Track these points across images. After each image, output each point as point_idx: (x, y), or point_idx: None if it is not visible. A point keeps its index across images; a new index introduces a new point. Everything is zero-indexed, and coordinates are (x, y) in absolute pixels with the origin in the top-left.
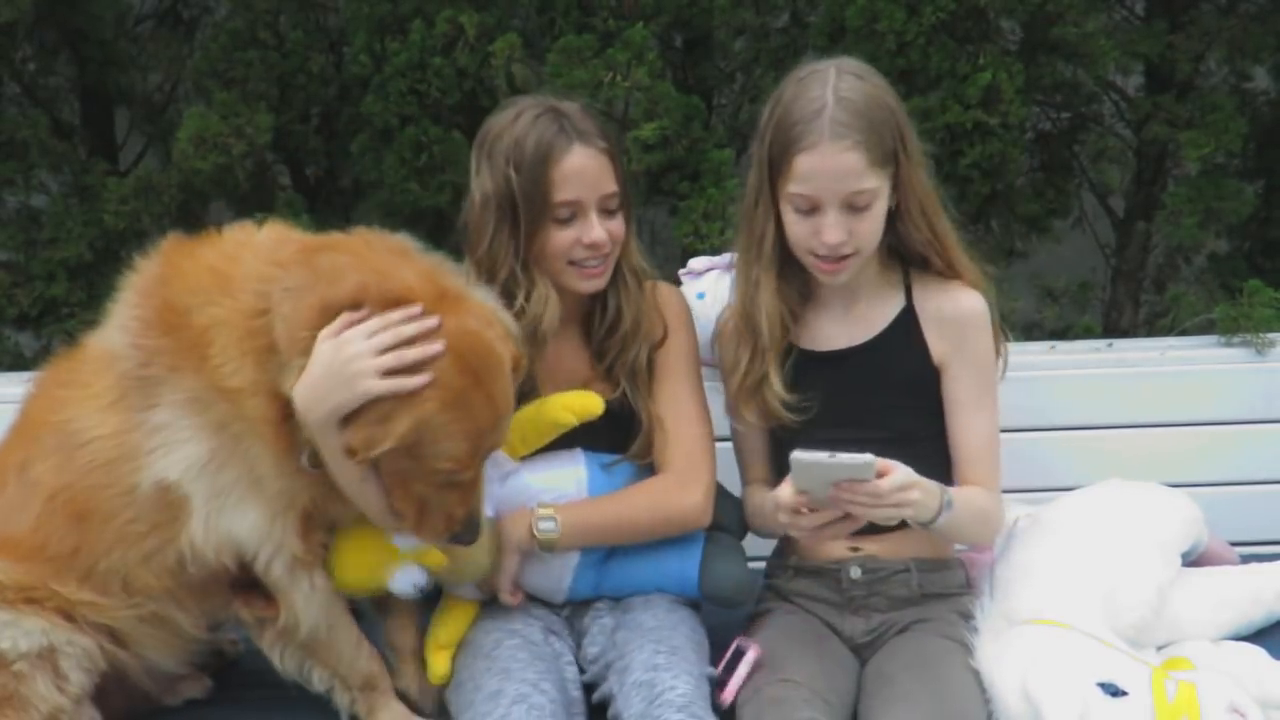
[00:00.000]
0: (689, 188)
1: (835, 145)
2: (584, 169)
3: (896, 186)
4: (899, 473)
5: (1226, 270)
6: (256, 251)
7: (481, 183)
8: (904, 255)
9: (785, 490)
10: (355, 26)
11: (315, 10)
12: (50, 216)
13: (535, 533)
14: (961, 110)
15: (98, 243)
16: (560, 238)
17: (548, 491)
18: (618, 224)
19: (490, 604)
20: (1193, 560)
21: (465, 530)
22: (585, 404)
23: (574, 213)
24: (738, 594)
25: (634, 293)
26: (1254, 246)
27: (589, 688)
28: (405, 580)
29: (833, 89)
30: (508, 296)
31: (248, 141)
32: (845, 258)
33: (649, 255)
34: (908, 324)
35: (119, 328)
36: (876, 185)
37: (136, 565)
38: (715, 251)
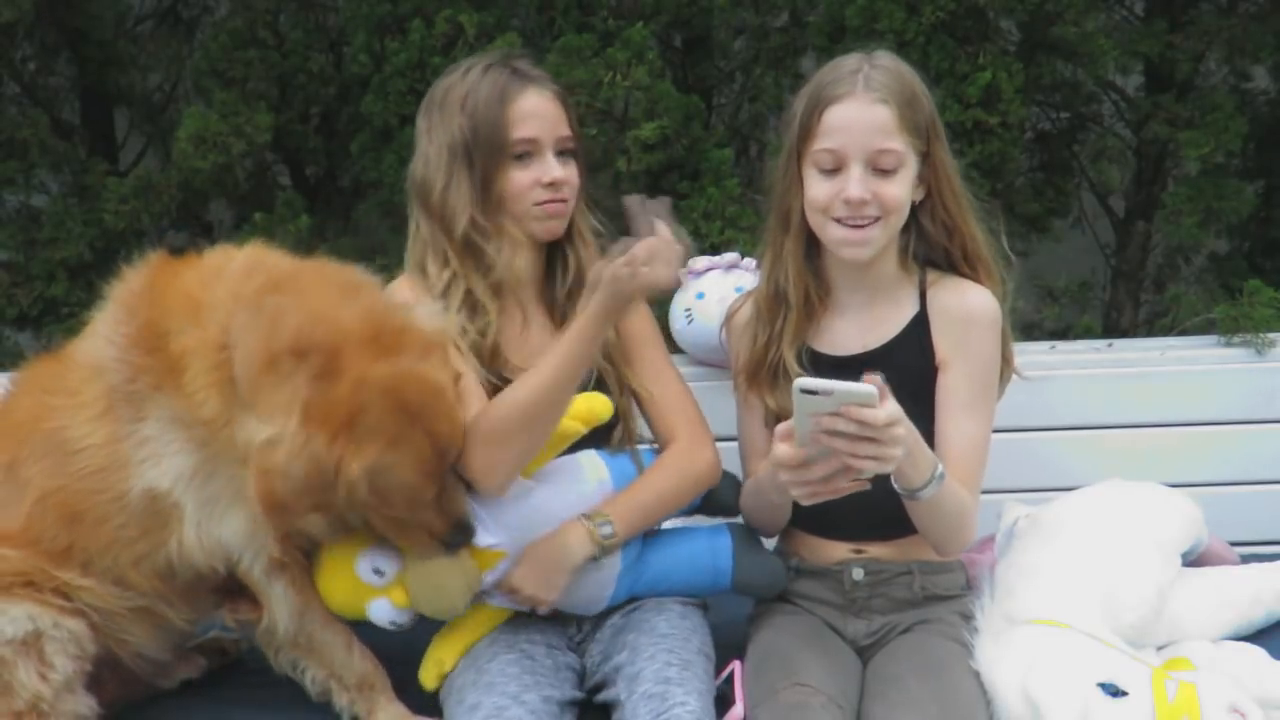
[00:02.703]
0: (689, 187)
1: (868, 96)
2: (539, 108)
3: (926, 172)
4: (894, 406)
5: (1226, 270)
6: (226, 281)
7: (434, 138)
8: (924, 258)
9: (783, 448)
10: (355, 26)
11: (315, 10)
12: (50, 216)
13: (600, 540)
14: (961, 110)
15: (97, 242)
16: (520, 178)
17: (567, 509)
18: (573, 171)
19: (513, 619)
20: (1193, 560)
21: (454, 535)
22: (592, 409)
23: (530, 151)
24: (774, 583)
25: (591, 250)
26: (1254, 246)
27: (595, 688)
28: (381, 614)
29: (864, 58)
30: (471, 249)
31: (247, 141)
32: (869, 225)
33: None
34: (919, 329)
35: (106, 340)
36: (903, 150)
37: (128, 567)
38: (715, 251)
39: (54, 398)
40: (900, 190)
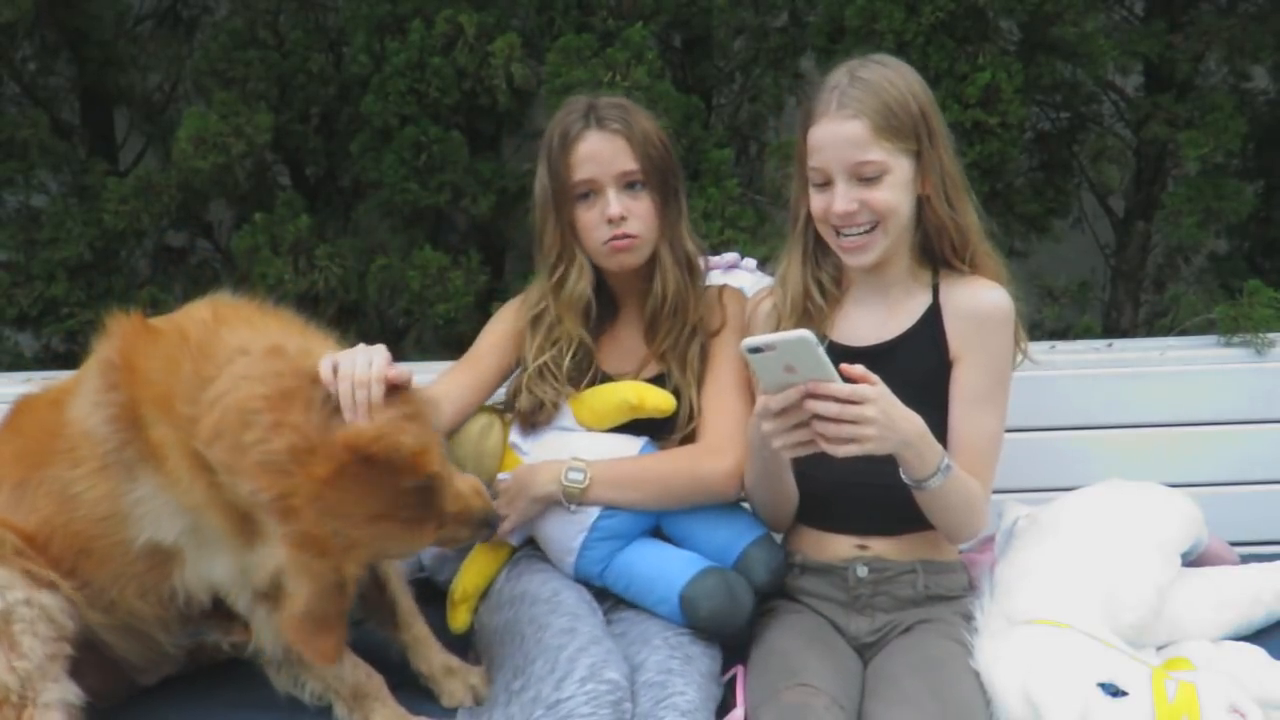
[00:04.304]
0: (689, 187)
1: (839, 114)
2: (597, 150)
3: (924, 169)
4: (867, 387)
5: (1226, 270)
6: (183, 381)
7: (537, 182)
8: (935, 256)
9: (762, 399)
10: (355, 26)
11: (315, 10)
12: (50, 216)
13: (563, 480)
14: (961, 110)
15: (97, 243)
16: (587, 217)
17: (593, 451)
18: (641, 203)
19: (529, 558)
20: (1193, 560)
21: (479, 533)
22: (654, 394)
23: (591, 190)
24: (707, 608)
25: (676, 275)
26: (1254, 246)
27: None
28: None
29: (849, 70)
30: (557, 278)
31: (247, 141)
32: (866, 233)
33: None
34: (932, 322)
35: (93, 405)
36: (884, 157)
37: (134, 597)
38: (715, 251)
39: (55, 448)
40: (890, 195)
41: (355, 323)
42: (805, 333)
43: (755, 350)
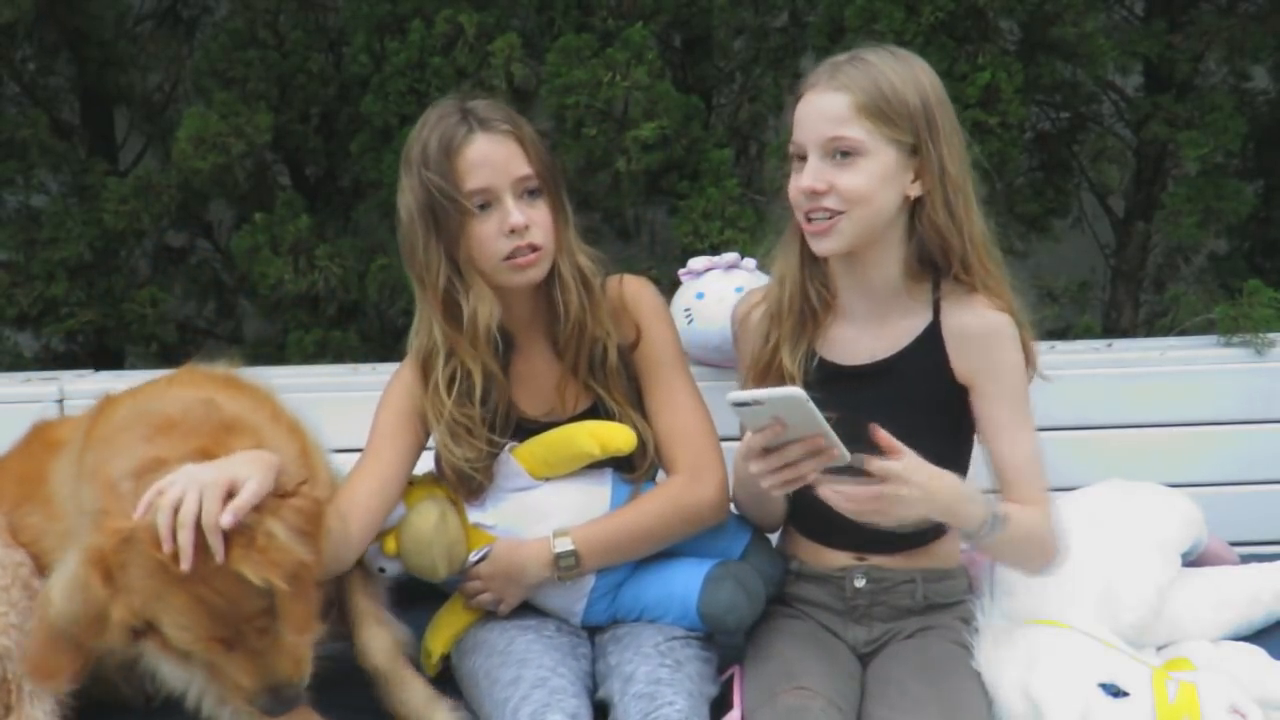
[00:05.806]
0: (688, 187)
1: (824, 86)
2: (489, 154)
3: (920, 170)
4: (897, 464)
5: (1226, 270)
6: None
7: (405, 198)
8: (935, 266)
9: (748, 438)
10: (355, 26)
11: (315, 10)
12: (50, 216)
13: (556, 569)
14: (960, 110)
15: (97, 243)
16: (483, 230)
17: (564, 509)
18: (540, 211)
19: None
20: (1193, 560)
21: (265, 701)
22: (614, 437)
23: (488, 200)
24: (733, 619)
25: (575, 290)
26: (1254, 246)
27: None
28: (370, 557)
29: (856, 51)
30: (451, 307)
31: (247, 141)
32: (830, 218)
33: (648, 254)
34: (931, 341)
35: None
36: (863, 137)
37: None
38: (715, 251)
39: (38, 495)
40: (860, 180)
41: (355, 323)
42: (796, 391)
43: (742, 404)
